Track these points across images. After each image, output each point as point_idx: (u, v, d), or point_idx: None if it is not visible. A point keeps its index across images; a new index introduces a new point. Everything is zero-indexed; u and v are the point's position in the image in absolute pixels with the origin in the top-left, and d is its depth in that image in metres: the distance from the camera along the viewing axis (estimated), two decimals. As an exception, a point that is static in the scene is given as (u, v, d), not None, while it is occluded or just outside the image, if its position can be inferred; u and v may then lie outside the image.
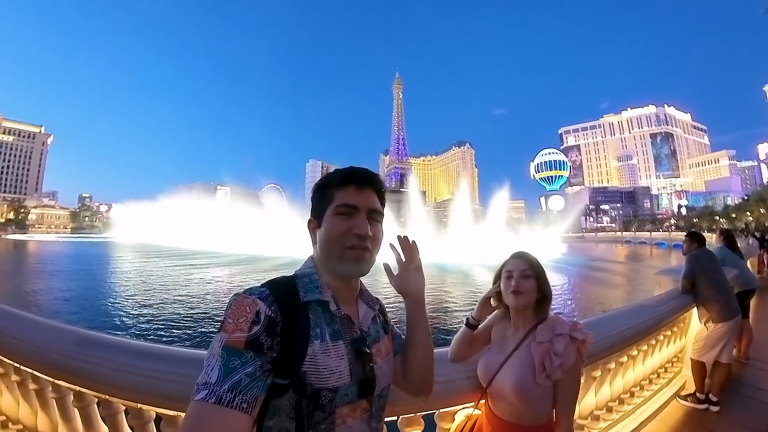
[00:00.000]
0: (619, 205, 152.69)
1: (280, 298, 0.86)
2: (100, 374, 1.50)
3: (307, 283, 0.95)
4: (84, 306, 13.45)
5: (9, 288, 18.13)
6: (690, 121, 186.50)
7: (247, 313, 0.80)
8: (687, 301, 3.72)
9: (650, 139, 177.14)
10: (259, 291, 0.86)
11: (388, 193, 1.08)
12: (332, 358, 0.88)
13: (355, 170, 1.01)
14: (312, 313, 0.90)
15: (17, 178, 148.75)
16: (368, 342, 1.00)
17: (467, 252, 26.21)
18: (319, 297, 0.93)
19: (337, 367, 0.88)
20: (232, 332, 0.78)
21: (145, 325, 11.05)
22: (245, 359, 0.75)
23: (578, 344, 1.42)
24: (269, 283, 0.91)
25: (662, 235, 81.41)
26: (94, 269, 24.29)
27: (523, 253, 1.60)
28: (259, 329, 0.79)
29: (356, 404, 0.92)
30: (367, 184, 1.00)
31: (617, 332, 2.50)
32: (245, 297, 0.84)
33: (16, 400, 2.06)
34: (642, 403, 3.10)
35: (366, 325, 1.02)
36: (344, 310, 0.97)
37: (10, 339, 1.81)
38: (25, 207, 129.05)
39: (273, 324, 0.82)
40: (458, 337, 1.67)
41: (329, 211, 0.97)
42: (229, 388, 0.71)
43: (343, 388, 0.88)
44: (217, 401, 0.69)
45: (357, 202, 0.97)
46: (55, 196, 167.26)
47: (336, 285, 0.98)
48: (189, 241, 45.69)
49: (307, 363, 0.84)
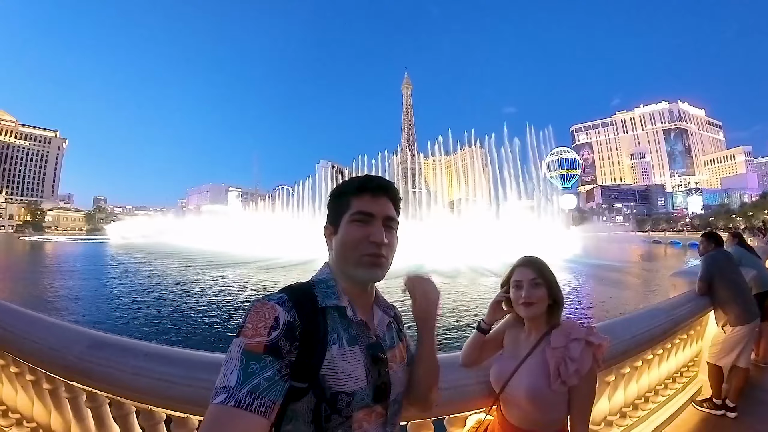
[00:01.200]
0: (632, 203, 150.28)
1: (298, 304, 0.87)
2: (113, 376, 1.53)
3: (325, 289, 0.96)
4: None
5: (24, 287, 18.52)
6: (704, 116, 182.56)
7: (266, 319, 0.82)
8: (704, 304, 3.62)
9: (664, 136, 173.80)
10: (278, 297, 0.88)
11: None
12: (349, 362, 0.90)
13: (371, 178, 1.03)
14: (329, 318, 0.92)
15: (34, 181, 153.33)
16: (384, 348, 1.01)
17: (480, 253, 25.93)
18: (336, 302, 0.94)
19: (354, 372, 0.90)
20: (252, 337, 0.79)
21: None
22: (264, 363, 0.76)
23: (594, 349, 1.39)
24: (287, 288, 0.92)
25: (677, 234, 79.80)
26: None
27: (530, 259, 1.55)
28: (278, 334, 0.81)
29: (372, 409, 0.93)
30: (383, 191, 1.01)
31: (631, 336, 2.44)
32: (264, 303, 0.85)
33: (30, 399, 2.12)
34: (657, 408, 3.03)
35: (381, 331, 1.04)
36: (360, 315, 0.98)
37: (26, 341, 1.86)
38: (42, 209, 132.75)
39: (292, 329, 0.83)
40: (469, 342, 1.66)
41: (346, 218, 0.98)
42: (248, 392, 0.72)
43: (359, 393, 0.89)
44: (236, 405, 0.71)
45: (373, 209, 0.98)
46: (71, 199, 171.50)
47: (352, 291, 1.00)
48: (205, 244, 45.97)
49: (326, 367, 0.85)
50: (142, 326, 10.96)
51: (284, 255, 29.12)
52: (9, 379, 2.25)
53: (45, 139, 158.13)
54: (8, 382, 2.27)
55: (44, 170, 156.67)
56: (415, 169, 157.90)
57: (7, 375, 2.25)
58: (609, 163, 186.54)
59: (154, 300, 14.60)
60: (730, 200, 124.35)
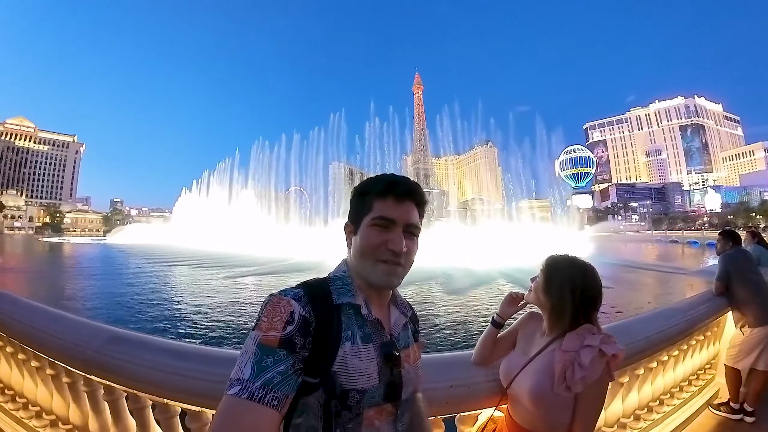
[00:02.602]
0: (648, 202, 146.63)
1: (314, 300, 0.88)
2: (130, 370, 1.59)
3: (340, 286, 0.96)
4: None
5: (47, 286, 19.05)
6: (722, 111, 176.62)
7: (281, 313, 0.83)
8: (721, 304, 3.52)
9: (680, 132, 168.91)
10: (294, 292, 0.89)
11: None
12: (362, 360, 0.90)
13: (397, 180, 0.99)
14: (344, 315, 0.92)
15: (53, 184, 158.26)
16: (397, 347, 1.00)
17: (493, 254, 25.66)
18: (351, 300, 0.94)
19: (366, 370, 0.90)
20: (267, 331, 0.81)
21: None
22: (278, 357, 0.78)
23: (608, 359, 1.31)
24: (304, 284, 0.93)
25: (695, 233, 77.71)
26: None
27: (547, 261, 1.51)
28: (293, 329, 0.82)
29: (383, 407, 0.94)
30: (408, 196, 0.98)
31: (645, 336, 2.40)
32: (280, 297, 0.87)
33: (50, 393, 2.21)
34: (672, 411, 2.96)
35: (396, 330, 1.03)
36: (375, 314, 0.98)
37: (47, 336, 1.95)
38: (61, 212, 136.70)
39: (306, 324, 0.84)
40: (483, 337, 1.66)
41: (366, 220, 0.97)
42: (261, 384, 0.74)
43: (370, 390, 0.89)
44: (249, 397, 0.72)
45: (395, 215, 0.95)
46: (89, 201, 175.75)
47: (369, 289, 1.00)
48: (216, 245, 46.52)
49: (338, 364, 0.86)
50: (159, 326, 11.23)
51: (295, 256, 29.34)
52: (30, 373, 2.35)
53: (63, 144, 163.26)
54: (29, 376, 2.37)
55: (62, 174, 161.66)
56: (427, 169, 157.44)
57: (28, 369, 2.35)
58: (624, 161, 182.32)
59: (171, 300, 14.91)
60: (749, 198, 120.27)
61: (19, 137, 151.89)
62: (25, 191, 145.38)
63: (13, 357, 2.45)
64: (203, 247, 42.63)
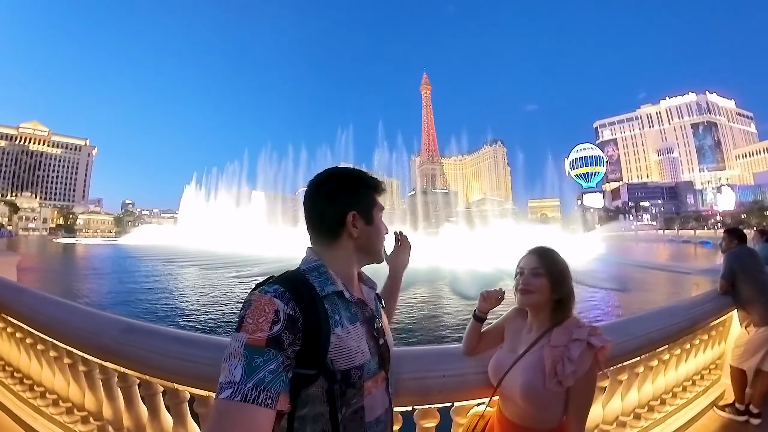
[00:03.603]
0: (660, 201, 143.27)
1: (297, 295, 0.89)
2: (144, 357, 1.70)
3: (317, 277, 0.99)
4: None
5: (68, 284, 19.50)
6: (734, 108, 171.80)
7: (266, 313, 0.83)
8: (726, 303, 3.49)
9: (692, 130, 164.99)
10: (274, 289, 0.89)
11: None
12: (354, 339, 0.97)
13: (380, 179, 1.19)
14: (328, 303, 0.96)
15: (66, 186, 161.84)
16: (378, 319, 1.13)
17: (500, 255, 25.48)
18: (333, 288, 0.99)
19: (359, 347, 0.98)
20: (253, 332, 0.81)
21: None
22: (267, 357, 0.79)
23: (596, 351, 1.34)
24: (281, 280, 0.94)
25: (707, 233, 76.10)
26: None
27: (538, 248, 1.52)
28: (279, 328, 0.82)
29: (378, 376, 1.05)
30: (383, 192, 1.20)
31: (645, 334, 2.39)
32: (261, 296, 0.87)
33: (66, 381, 2.34)
34: (675, 411, 2.95)
35: (372, 304, 1.14)
36: (356, 294, 1.07)
37: (67, 327, 2.08)
38: (74, 213, 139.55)
39: (293, 321, 0.85)
40: (467, 331, 1.70)
41: (376, 212, 1.13)
42: (253, 385, 0.75)
43: (367, 364, 0.98)
44: (243, 399, 0.73)
45: (383, 207, 1.20)
46: (101, 203, 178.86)
47: (345, 274, 1.07)
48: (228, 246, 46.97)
49: (332, 351, 0.90)
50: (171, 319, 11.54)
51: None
52: (48, 362, 2.49)
53: (75, 147, 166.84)
54: (47, 365, 2.51)
55: (75, 176, 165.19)
56: (435, 169, 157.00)
57: (46, 359, 2.49)
58: (635, 160, 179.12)
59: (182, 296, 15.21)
60: (764, 196, 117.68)
61: (33, 141, 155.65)
62: (39, 193, 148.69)
63: (32, 348, 2.58)
64: (214, 248, 43.06)
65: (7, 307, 2.68)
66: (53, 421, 2.44)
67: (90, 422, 2.24)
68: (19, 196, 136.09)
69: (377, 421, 1.02)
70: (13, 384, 2.86)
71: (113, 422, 2.07)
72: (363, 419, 0.98)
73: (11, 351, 2.86)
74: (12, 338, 2.80)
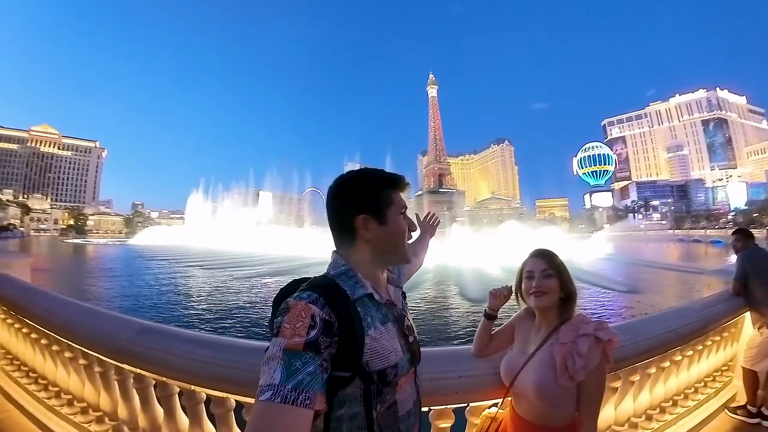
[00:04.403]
0: (669, 200, 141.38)
1: (331, 300, 0.93)
2: (160, 359, 1.72)
3: (347, 281, 1.03)
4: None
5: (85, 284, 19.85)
6: (746, 104, 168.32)
7: (303, 318, 0.86)
8: (738, 304, 3.45)
9: (702, 127, 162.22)
10: (308, 295, 0.92)
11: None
12: (387, 339, 1.01)
13: (400, 175, 1.17)
14: (360, 306, 0.99)
15: (76, 188, 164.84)
16: (405, 317, 1.16)
17: (507, 255, 25.40)
18: (364, 291, 1.03)
19: (392, 346, 1.01)
20: (291, 337, 0.84)
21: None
22: (305, 360, 0.82)
23: (604, 345, 1.38)
24: (314, 287, 0.97)
25: (718, 232, 74.93)
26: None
27: (542, 250, 1.58)
28: (316, 332, 0.85)
29: (409, 372, 1.08)
30: (406, 188, 1.18)
31: (657, 335, 2.39)
32: (297, 302, 0.90)
33: (81, 382, 2.38)
34: (686, 413, 2.92)
35: (400, 303, 1.18)
36: (384, 296, 1.10)
37: (83, 329, 2.11)
38: (84, 214, 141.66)
39: (329, 325, 0.89)
40: (479, 331, 1.72)
41: (393, 211, 1.10)
42: (292, 387, 0.77)
43: (400, 362, 1.02)
44: (282, 400, 0.76)
45: (405, 204, 1.15)
46: (111, 204, 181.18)
47: (373, 276, 1.10)
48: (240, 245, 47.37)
49: (367, 352, 0.93)
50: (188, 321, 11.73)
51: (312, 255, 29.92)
52: (63, 363, 2.53)
53: (85, 149, 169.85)
54: (62, 366, 2.56)
55: (85, 178, 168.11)
56: (443, 169, 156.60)
57: (61, 360, 2.54)
58: (644, 158, 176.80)
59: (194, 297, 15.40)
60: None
61: (44, 144, 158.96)
62: (50, 195, 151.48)
63: (47, 348, 2.64)
64: (222, 248, 43.57)
65: (22, 308, 2.75)
66: (68, 420, 2.48)
67: (105, 422, 2.27)
68: (30, 197, 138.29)
69: (408, 414, 1.06)
70: (28, 383, 2.92)
71: (128, 422, 2.10)
72: (396, 413, 1.02)
73: (27, 351, 2.93)
74: (27, 338, 2.87)
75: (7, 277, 3.19)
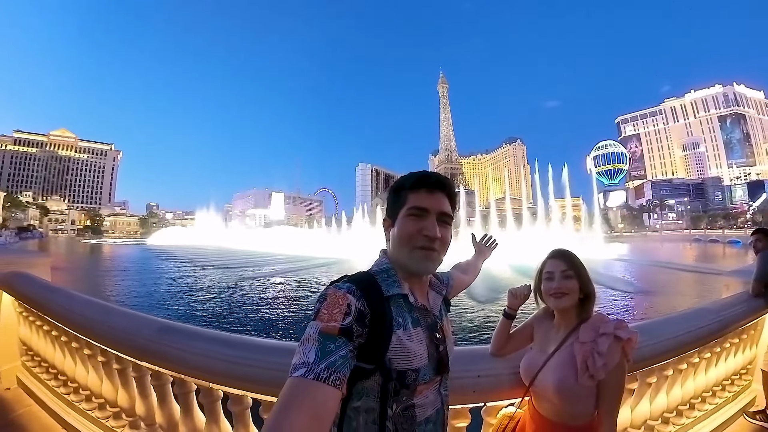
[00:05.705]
0: (686, 199, 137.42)
1: (366, 293, 0.96)
2: (181, 357, 1.75)
3: (386, 278, 1.05)
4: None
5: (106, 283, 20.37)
6: (764, 99, 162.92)
7: (340, 305, 0.91)
8: (758, 306, 3.33)
9: (719, 123, 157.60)
10: (347, 286, 0.96)
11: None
12: (414, 342, 1.00)
13: (428, 174, 1.10)
14: (394, 305, 1.01)
15: (92, 190, 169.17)
16: (440, 326, 1.12)
17: (520, 256, 25.19)
18: (399, 291, 1.04)
19: (417, 351, 1.00)
20: (327, 321, 0.88)
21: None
22: (339, 344, 0.85)
23: (623, 344, 1.39)
24: (353, 279, 1.00)
25: (737, 232, 72.90)
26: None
27: (561, 251, 1.58)
28: (351, 320, 0.89)
29: (433, 381, 1.05)
30: (439, 187, 1.08)
31: (674, 336, 2.35)
32: (336, 290, 0.94)
33: (100, 378, 2.44)
34: (703, 417, 2.87)
35: (437, 310, 1.16)
36: (420, 300, 1.10)
37: (103, 327, 2.16)
38: (100, 215, 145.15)
39: (362, 315, 0.92)
40: (497, 330, 1.72)
41: (402, 212, 1.07)
42: (325, 367, 0.81)
43: (423, 369, 1.00)
44: (316, 378, 0.79)
45: (428, 204, 1.06)
46: (126, 205, 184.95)
47: (411, 278, 1.10)
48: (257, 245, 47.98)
49: (392, 350, 0.95)
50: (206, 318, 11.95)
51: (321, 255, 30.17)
52: (82, 360, 2.59)
53: (101, 152, 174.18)
54: (81, 363, 2.62)
55: (101, 180, 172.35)
56: (455, 169, 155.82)
57: (80, 357, 2.60)
58: (659, 156, 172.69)
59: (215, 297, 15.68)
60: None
61: (61, 147, 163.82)
62: (68, 197, 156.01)
63: (67, 345, 2.70)
64: (238, 247, 44.16)
65: (43, 306, 2.83)
66: (86, 416, 2.55)
67: (122, 418, 2.33)
68: (48, 199, 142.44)
69: (427, 421, 1.05)
70: (48, 379, 3.01)
71: (145, 419, 2.14)
72: (414, 417, 1.02)
73: (47, 348, 3.01)
74: (48, 335, 2.95)
75: (29, 276, 3.28)
